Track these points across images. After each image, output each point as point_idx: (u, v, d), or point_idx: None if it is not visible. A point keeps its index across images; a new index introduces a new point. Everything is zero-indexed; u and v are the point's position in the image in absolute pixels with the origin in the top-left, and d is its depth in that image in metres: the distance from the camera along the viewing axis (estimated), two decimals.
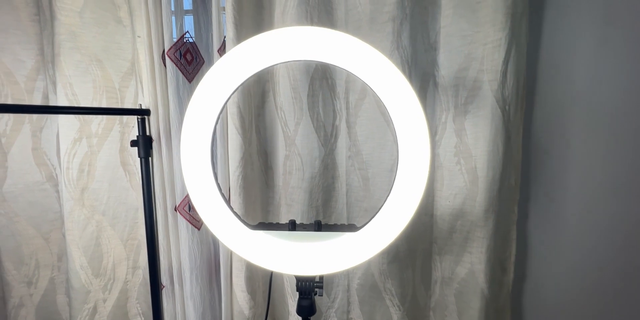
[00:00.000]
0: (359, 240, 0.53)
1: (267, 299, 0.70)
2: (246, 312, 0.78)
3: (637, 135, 0.60)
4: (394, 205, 0.52)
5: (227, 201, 0.52)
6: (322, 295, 0.55)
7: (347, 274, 0.79)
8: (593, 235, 0.68)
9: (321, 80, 0.76)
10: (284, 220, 0.80)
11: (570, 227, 0.73)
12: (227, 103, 0.73)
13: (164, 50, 0.73)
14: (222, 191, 0.52)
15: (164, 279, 0.80)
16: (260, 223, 0.55)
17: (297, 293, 0.56)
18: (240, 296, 0.77)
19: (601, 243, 0.67)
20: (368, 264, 0.78)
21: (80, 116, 0.77)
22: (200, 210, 0.51)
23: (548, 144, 0.74)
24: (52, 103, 0.78)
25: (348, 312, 0.81)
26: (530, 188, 0.78)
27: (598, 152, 0.66)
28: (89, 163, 0.80)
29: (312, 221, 0.55)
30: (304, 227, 0.55)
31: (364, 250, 0.53)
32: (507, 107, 0.69)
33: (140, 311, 0.90)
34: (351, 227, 0.56)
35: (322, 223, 0.55)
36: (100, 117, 0.80)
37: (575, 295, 0.75)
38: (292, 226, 0.54)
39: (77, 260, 0.81)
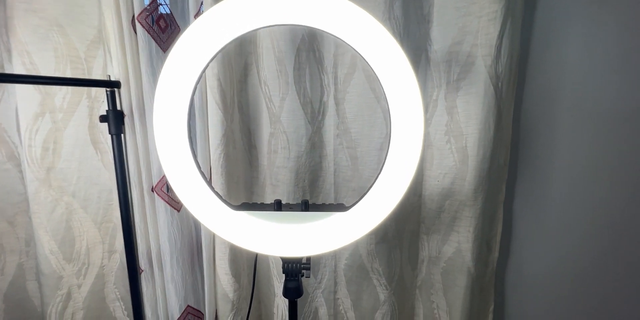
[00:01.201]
0: (348, 220, 0.51)
1: (252, 281, 0.67)
2: (230, 295, 0.76)
3: (625, 118, 0.60)
4: (385, 184, 0.50)
5: (208, 181, 0.49)
6: (309, 277, 0.53)
7: (335, 255, 0.78)
8: (576, 215, 0.69)
9: (308, 52, 0.71)
10: (269, 201, 0.77)
11: (555, 207, 0.73)
12: (206, 75, 0.67)
13: (133, 16, 0.66)
14: (202, 170, 0.48)
15: (143, 262, 0.76)
16: (244, 203, 0.52)
17: (284, 275, 0.54)
18: (224, 279, 0.75)
19: (584, 222, 0.68)
20: (356, 245, 0.77)
21: (42, 88, 0.70)
22: (179, 191, 0.47)
23: (536, 124, 0.73)
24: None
25: (335, 292, 0.80)
26: (517, 168, 0.77)
27: (585, 134, 0.65)
28: (54, 140, 0.74)
29: (299, 202, 0.53)
30: (291, 207, 0.53)
31: (352, 231, 0.51)
32: (500, 84, 0.67)
33: (119, 296, 0.86)
34: (339, 207, 0.53)
35: (310, 203, 0.53)
36: (64, 90, 0.73)
37: (557, 273, 0.77)
38: (278, 206, 0.51)
39: (46, 244, 0.75)
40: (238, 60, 0.73)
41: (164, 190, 0.74)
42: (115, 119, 0.69)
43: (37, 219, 0.74)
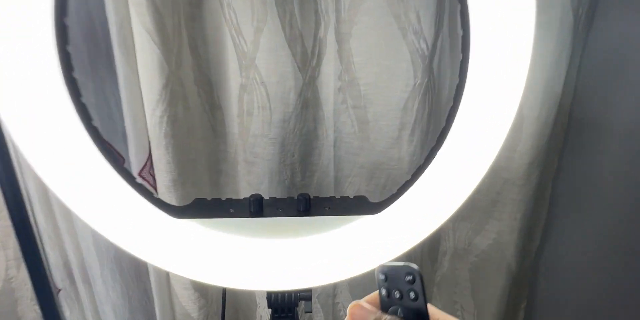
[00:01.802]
0: (379, 226, 0.30)
1: (222, 297, 0.47)
2: (194, 314, 0.55)
3: None
4: (449, 162, 0.29)
5: (119, 163, 0.25)
6: (310, 311, 0.34)
7: None
8: (627, 193, 0.54)
9: None
10: (245, 185, 0.54)
11: (604, 184, 0.58)
12: None
13: None
14: (110, 144, 0.25)
15: (59, 278, 0.53)
16: (196, 201, 0.29)
17: (270, 310, 0.34)
18: (183, 295, 0.54)
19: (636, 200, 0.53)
20: None
21: None
22: (51, 183, 0.23)
23: (596, 80, 0.55)
24: None
25: (334, 296, 0.62)
26: (568, 134, 0.60)
27: None
28: None
29: (286, 188, 0.31)
30: (279, 209, 0.31)
31: (386, 243, 0.30)
32: (580, 11, 0.46)
33: (41, 314, 0.63)
34: (362, 205, 0.32)
35: (312, 198, 0.31)
36: None
37: (599, 259, 0.64)
38: (257, 207, 0.30)
39: None
40: None
41: None
42: None
43: None
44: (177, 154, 0.47)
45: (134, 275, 0.55)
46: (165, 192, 0.48)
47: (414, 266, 0.21)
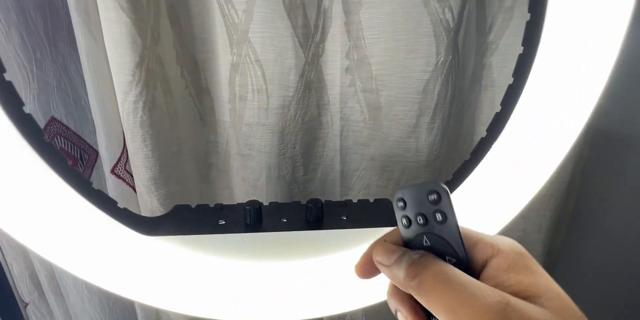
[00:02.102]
0: None
1: None
2: None
3: None
4: (511, 155, 0.23)
5: (60, 159, 0.18)
6: None
7: None
8: None
9: None
10: (238, 180, 0.47)
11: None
12: None
13: None
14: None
15: (25, 291, 0.46)
16: (176, 210, 0.23)
17: None
18: None
19: None
20: None
21: None
22: None
23: None
24: None
25: None
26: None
27: None
28: None
29: (287, 184, 0.28)
30: (282, 216, 0.24)
31: None
32: None
33: None
34: (386, 211, 0.26)
35: (324, 202, 0.25)
36: None
37: (622, 255, 0.60)
38: (254, 218, 0.23)
39: None
40: None
41: None
42: None
43: None
44: (157, 147, 0.40)
45: None
46: (144, 191, 0.41)
47: (437, 183, 0.17)
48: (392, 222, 0.24)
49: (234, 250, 0.21)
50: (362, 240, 0.23)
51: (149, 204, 0.41)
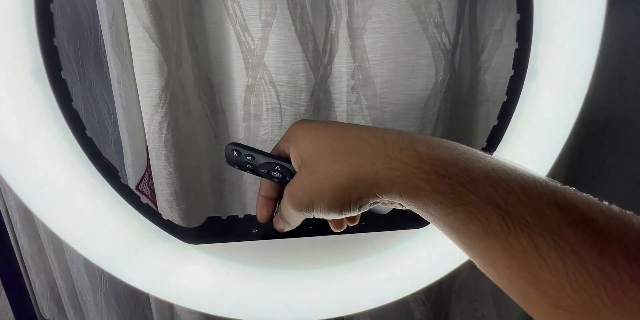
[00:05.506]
0: (430, 240, 0.27)
1: None
2: None
3: None
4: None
5: (115, 176, 0.20)
6: None
7: None
8: None
9: None
10: (250, 194, 0.49)
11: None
12: None
13: None
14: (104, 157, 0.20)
15: (46, 306, 0.47)
16: (209, 221, 0.25)
17: None
18: (188, 319, 0.48)
19: None
20: None
21: None
22: (34, 207, 0.19)
23: None
24: None
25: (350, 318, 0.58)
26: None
27: None
28: None
29: None
30: (307, 223, 0.27)
31: (436, 261, 0.27)
32: None
33: None
34: (404, 215, 0.28)
35: None
36: None
37: None
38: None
39: None
40: None
41: None
42: None
43: None
44: (179, 164, 0.42)
45: (132, 299, 0.50)
46: (167, 206, 0.43)
47: (231, 143, 0.25)
48: (407, 225, 0.27)
49: (264, 255, 0.23)
50: (382, 243, 0.25)
51: (170, 218, 0.43)
